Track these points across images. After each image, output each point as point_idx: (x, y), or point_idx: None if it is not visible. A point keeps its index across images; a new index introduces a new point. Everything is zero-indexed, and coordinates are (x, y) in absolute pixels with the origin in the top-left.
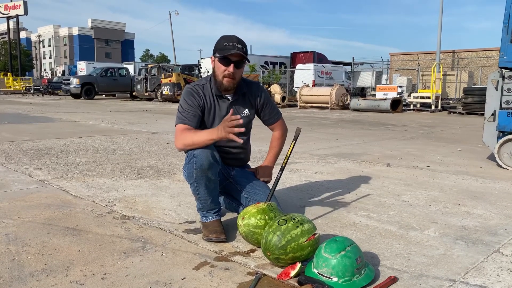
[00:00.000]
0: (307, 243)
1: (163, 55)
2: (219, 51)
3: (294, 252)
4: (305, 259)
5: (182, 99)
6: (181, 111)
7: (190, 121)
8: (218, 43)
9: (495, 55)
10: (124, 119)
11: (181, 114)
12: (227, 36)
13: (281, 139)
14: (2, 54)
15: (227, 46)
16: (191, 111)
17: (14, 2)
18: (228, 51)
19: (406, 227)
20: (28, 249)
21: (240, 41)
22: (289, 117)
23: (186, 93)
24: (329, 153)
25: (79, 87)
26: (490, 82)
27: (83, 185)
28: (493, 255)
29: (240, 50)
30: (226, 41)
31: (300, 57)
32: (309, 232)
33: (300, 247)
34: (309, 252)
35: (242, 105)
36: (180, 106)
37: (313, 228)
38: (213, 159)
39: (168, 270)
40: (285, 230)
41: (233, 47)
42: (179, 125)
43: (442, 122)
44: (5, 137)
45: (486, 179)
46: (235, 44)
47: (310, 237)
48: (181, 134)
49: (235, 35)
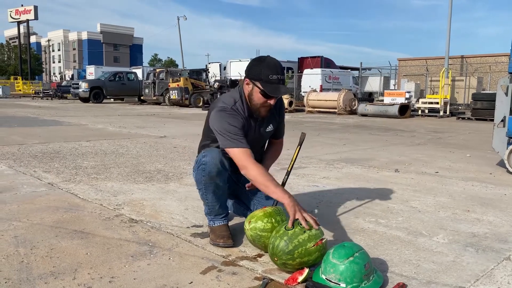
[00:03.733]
0: (315, 248)
1: (171, 59)
2: (263, 84)
3: (301, 257)
4: (312, 264)
5: (225, 122)
6: (229, 134)
7: (245, 144)
8: (259, 70)
9: (504, 60)
10: (132, 123)
11: (233, 137)
12: (271, 63)
13: (278, 152)
14: (12, 58)
15: (272, 80)
16: (240, 133)
17: (24, 7)
18: (276, 90)
19: (414, 233)
20: (36, 251)
21: (282, 70)
22: (296, 122)
23: (228, 116)
24: (337, 158)
25: (87, 91)
26: (499, 87)
27: (91, 188)
28: (503, 263)
29: (282, 82)
30: (271, 71)
31: (308, 62)
32: (316, 237)
33: (308, 252)
34: (316, 257)
35: (268, 121)
36: (225, 129)
37: (321, 233)
38: (222, 166)
39: (175, 274)
40: (292, 235)
41: (278, 81)
42: (239, 149)
43: (451, 128)
44: (14, 140)
45: (496, 185)
46: (280, 77)
47: (318, 242)
48: (253, 167)
49: (278, 62)
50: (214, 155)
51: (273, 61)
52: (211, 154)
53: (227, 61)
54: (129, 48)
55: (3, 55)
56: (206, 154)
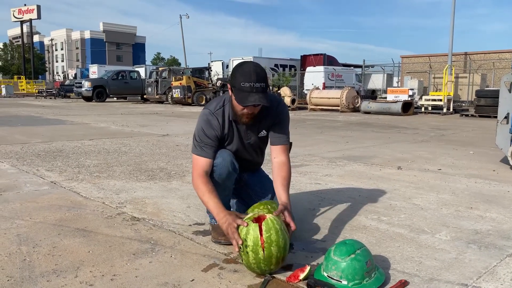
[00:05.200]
0: (259, 250)
1: (173, 58)
2: (235, 91)
3: (267, 264)
4: (283, 248)
5: (200, 127)
6: (198, 140)
7: (208, 154)
8: (234, 77)
9: (508, 57)
10: (135, 122)
11: (199, 145)
12: (245, 69)
13: (285, 174)
14: (15, 58)
15: (244, 88)
16: (208, 143)
17: (27, 6)
18: (245, 99)
19: (417, 231)
20: (39, 249)
21: (259, 77)
22: (299, 120)
23: (205, 122)
24: (339, 156)
25: (90, 90)
26: (503, 84)
27: (94, 186)
28: (506, 260)
29: (259, 90)
30: (244, 78)
31: (310, 60)
32: (255, 245)
33: (267, 256)
34: (272, 247)
35: (259, 126)
36: (197, 135)
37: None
38: (233, 169)
39: (177, 272)
40: (247, 263)
41: (251, 89)
42: (197, 157)
43: (454, 125)
44: (18, 139)
45: (499, 182)
46: (253, 85)
47: (262, 245)
48: (198, 179)
49: (256, 69)
50: (225, 156)
51: (249, 67)
52: (222, 156)
53: (229, 59)
54: (132, 47)
55: (6, 54)
56: (218, 155)
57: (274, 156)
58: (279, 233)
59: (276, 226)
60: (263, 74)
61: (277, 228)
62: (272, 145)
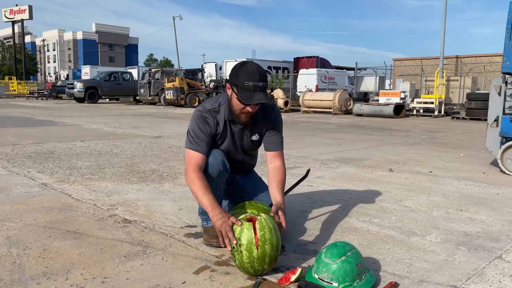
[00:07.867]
0: (254, 247)
1: (166, 59)
2: (239, 90)
3: (260, 264)
4: (275, 245)
5: (195, 123)
6: (193, 136)
7: (202, 149)
8: (237, 76)
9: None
10: (127, 123)
11: (194, 140)
12: (249, 69)
13: (280, 176)
14: (7, 58)
15: (248, 87)
16: (203, 139)
17: (19, 6)
18: (250, 97)
19: (407, 233)
20: (29, 252)
21: (262, 76)
22: (292, 122)
23: (199, 118)
24: (332, 158)
25: (83, 91)
26: (493, 87)
27: (85, 188)
28: (495, 261)
29: (262, 89)
30: (248, 78)
31: (303, 62)
32: (249, 242)
33: (261, 256)
34: (266, 246)
35: (253, 130)
36: (192, 130)
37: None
38: (224, 168)
39: (169, 274)
40: (241, 263)
41: (254, 88)
42: (192, 152)
43: (445, 128)
44: (8, 140)
45: (489, 184)
46: (257, 84)
47: (256, 243)
48: (193, 173)
49: (258, 69)
50: (217, 156)
51: (252, 67)
52: (214, 155)
53: (223, 61)
54: (125, 48)
55: None
56: (209, 154)
57: (269, 161)
58: (273, 232)
59: (269, 225)
60: (265, 74)
61: (270, 227)
62: (267, 151)
